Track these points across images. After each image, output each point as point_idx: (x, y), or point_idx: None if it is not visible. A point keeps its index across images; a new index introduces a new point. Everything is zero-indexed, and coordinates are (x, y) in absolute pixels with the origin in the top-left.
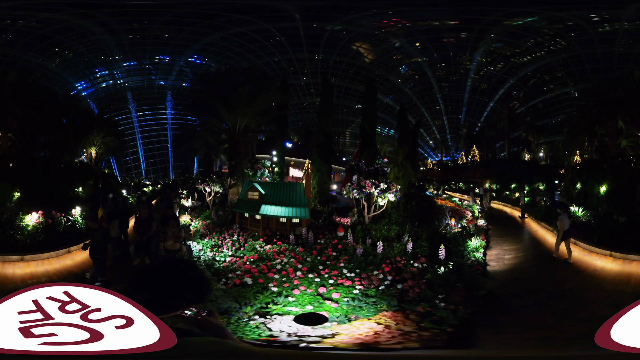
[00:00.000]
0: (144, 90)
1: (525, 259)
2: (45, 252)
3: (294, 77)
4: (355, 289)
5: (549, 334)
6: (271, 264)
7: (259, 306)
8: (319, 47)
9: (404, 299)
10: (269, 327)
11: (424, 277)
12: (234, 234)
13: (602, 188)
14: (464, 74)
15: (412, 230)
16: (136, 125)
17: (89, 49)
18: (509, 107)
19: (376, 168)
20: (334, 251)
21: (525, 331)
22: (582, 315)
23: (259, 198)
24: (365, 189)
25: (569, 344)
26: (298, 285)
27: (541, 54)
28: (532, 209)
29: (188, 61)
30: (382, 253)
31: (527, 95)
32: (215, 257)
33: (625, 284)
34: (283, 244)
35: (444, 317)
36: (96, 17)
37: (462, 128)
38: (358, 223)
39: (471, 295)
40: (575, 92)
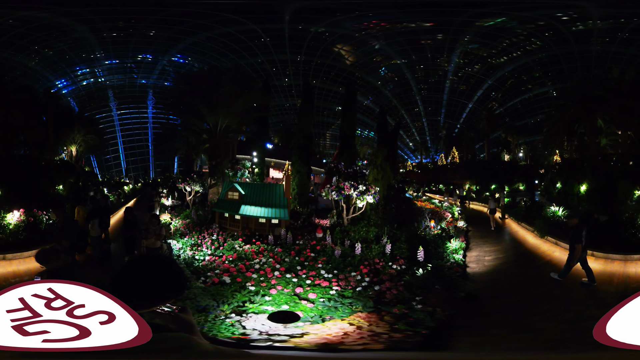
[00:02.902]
0: (126, 88)
1: (506, 260)
2: (27, 251)
3: (276, 79)
4: (332, 289)
5: (530, 336)
6: (249, 264)
7: (236, 305)
8: (302, 48)
9: (381, 300)
10: (243, 326)
11: (402, 279)
12: (214, 233)
13: (583, 187)
14: (442, 75)
15: (391, 232)
16: (117, 124)
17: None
18: (487, 108)
19: (355, 170)
20: (313, 252)
21: (505, 333)
22: (565, 317)
23: (238, 198)
24: (344, 191)
25: (550, 345)
26: (275, 285)
27: (518, 54)
28: (513, 209)
29: (171, 60)
30: (360, 254)
31: (506, 96)
32: (194, 256)
33: (608, 283)
34: (262, 244)
35: (420, 319)
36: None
37: (441, 130)
38: (337, 224)
39: (450, 297)
40: (553, 92)
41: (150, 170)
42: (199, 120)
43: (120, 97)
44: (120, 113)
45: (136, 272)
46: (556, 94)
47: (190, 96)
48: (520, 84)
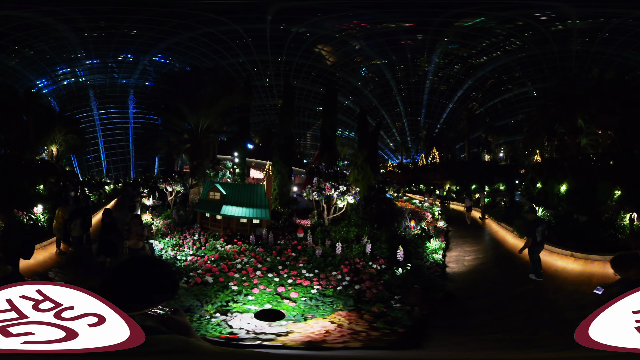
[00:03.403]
0: (106, 88)
1: (486, 261)
2: None
3: (257, 79)
4: (313, 288)
5: (505, 336)
6: (231, 264)
7: (219, 304)
8: (283, 49)
9: (361, 299)
10: (229, 325)
11: (382, 278)
12: (195, 233)
13: (563, 187)
14: (422, 76)
15: (371, 232)
16: (98, 124)
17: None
18: (468, 108)
19: (336, 171)
20: (294, 252)
21: (479, 333)
22: (541, 317)
23: (220, 198)
24: (324, 191)
25: (522, 345)
26: (257, 284)
27: (497, 55)
28: (492, 209)
29: (152, 60)
30: (341, 254)
31: (486, 96)
32: (176, 256)
33: (587, 284)
34: (243, 244)
35: (398, 317)
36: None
37: (421, 130)
38: (318, 225)
39: (428, 296)
40: (533, 92)
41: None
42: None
43: (101, 96)
44: (101, 113)
45: (127, 274)
46: (536, 94)
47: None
48: (500, 84)
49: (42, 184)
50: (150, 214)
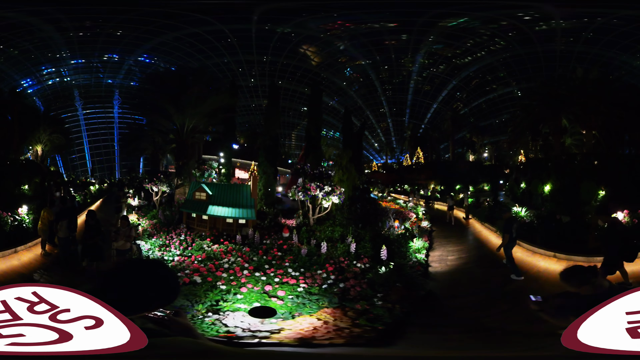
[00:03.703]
0: (91, 88)
1: (469, 260)
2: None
3: (242, 79)
4: (299, 287)
5: (481, 335)
6: (219, 263)
7: (209, 304)
8: (268, 49)
9: (346, 297)
10: (224, 324)
11: (366, 277)
12: (181, 233)
13: (547, 187)
14: (406, 76)
15: (356, 231)
16: (82, 123)
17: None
18: (452, 109)
19: (321, 171)
20: (280, 251)
21: (457, 332)
22: (520, 318)
23: (206, 199)
24: (310, 192)
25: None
26: (245, 283)
27: (482, 55)
28: (476, 209)
29: (137, 60)
30: (326, 253)
31: (471, 96)
32: (163, 257)
33: None
34: (230, 243)
35: (379, 315)
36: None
37: (406, 130)
38: (303, 224)
39: (409, 295)
40: (518, 92)
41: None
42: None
43: (86, 96)
44: (86, 113)
45: (127, 276)
46: (521, 94)
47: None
48: (484, 84)
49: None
50: (136, 214)
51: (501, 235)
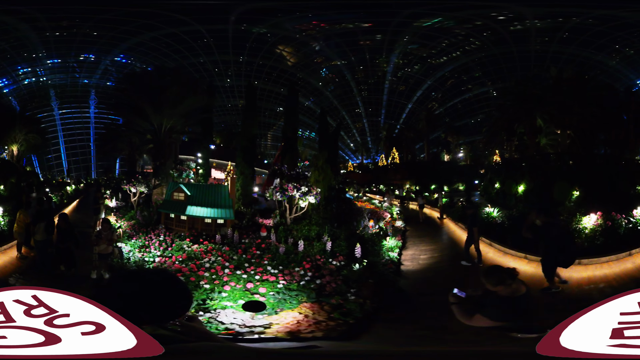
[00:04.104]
0: (68, 88)
1: (441, 260)
2: None
3: (218, 79)
4: (279, 283)
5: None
6: (200, 263)
7: (196, 303)
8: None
9: (322, 293)
10: (220, 321)
11: (341, 274)
12: (160, 234)
13: (521, 187)
14: (381, 76)
15: (332, 230)
16: (59, 123)
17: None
18: (427, 109)
19: (298, 172)
20: (258, 250)
21: (421, 328)
22: None
23: (184, 199)
24: (287, 192)
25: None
26: (228, 281)
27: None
28: (451, 209)
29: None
30: (303, 251)
31: (446, 96)
32: (144, 258)
33: (539, 287)
34: (209, 243)
35: (351, 309)
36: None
37: (381, 130)
38: (280, 224)
39: (381, 291)
40: (493, 92)
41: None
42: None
43: (62, 96)
44: (62, 113)
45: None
46: (496, 94)
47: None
48: (460, 84)
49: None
50: (114, 215)
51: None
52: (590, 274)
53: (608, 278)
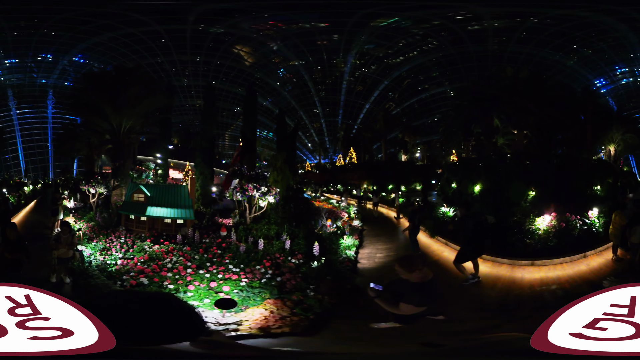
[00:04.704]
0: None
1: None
2: None
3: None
4: (241, 281)
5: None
6: (162, 263)
7: None
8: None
9: (283, 290)
10: None
11: (300, 271)
12: (121, 236)
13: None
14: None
15: (290, 229)
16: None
17: None
18: (385, 109)
19: (257, 172)
20: (219, 249)
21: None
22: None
23: (144, 200)
24: (247, 192)
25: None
26: (192, 281)
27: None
28: (407, 209)
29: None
30: (263, 250)
31: (403, 96)
32: (106, 261)
33: (490, 288)
34: (170, 243)
35: (311, 305)
36: None
37: (339, 130)
38: (240, 223)
39: (337, 287)
40: (450, 92)
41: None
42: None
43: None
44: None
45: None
46: (453, 94)
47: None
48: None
49: None
50: (72, 216)
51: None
52: (543, 275)
53: (561, 280)
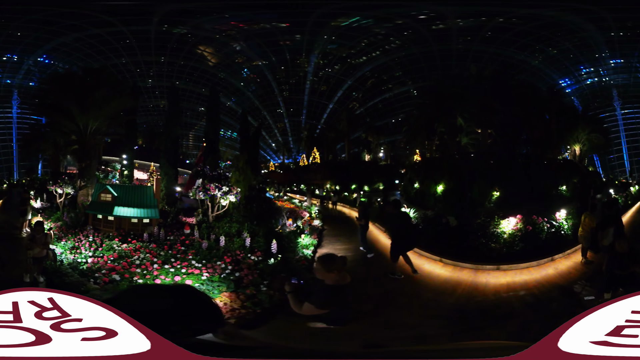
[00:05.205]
0: None
1: (354, 259)
2: None
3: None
4: (203, 276)
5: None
6: (130, 261)
7: None
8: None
9: (240, 284)
10: None
11: (258, 267)
12: (89, 235)
13: (440, 187)
14: (302, 76)
15: (251, 228)
16: None
17: None
18: (348, 108)
19: (219, 173)
20: (183, 246)
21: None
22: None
23: (111, 200)
24: (209, 192)
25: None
26: (158, 275)
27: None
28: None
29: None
30: (224, 247)
31: (366, 96)
32: (77, 260)
33: (450, 293)
34: (137, 242)
35: (262, 299)
36: None
37: (303, 130)
38: (203, 221)
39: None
40: (414, 91)
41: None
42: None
43: None
44: None
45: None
46: (416, 93)
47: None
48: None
49: None
50: (40, 216)
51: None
52: (509, 280)
53: (529, 285)
